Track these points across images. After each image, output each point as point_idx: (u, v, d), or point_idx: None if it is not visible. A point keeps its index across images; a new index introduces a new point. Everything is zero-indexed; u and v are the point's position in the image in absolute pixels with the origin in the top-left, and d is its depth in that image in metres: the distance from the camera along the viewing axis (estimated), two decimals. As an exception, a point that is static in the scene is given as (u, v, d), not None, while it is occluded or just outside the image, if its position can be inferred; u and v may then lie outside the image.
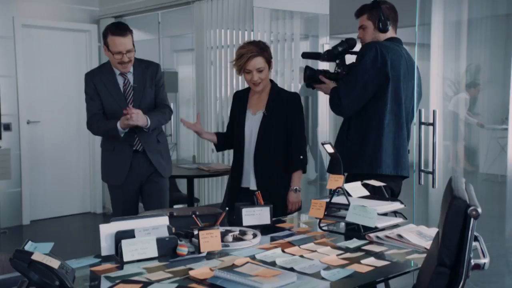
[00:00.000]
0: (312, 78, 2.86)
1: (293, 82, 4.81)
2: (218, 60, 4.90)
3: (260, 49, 2.76)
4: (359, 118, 2.73)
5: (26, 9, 5.68)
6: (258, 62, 2.75)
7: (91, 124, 3.09)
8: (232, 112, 3.02)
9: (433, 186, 2.80)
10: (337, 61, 2.81)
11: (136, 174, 3.10)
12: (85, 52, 6.12)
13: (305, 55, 3.05)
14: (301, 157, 2.86)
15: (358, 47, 2.82)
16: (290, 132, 2.86)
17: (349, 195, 2.27)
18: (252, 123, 2.87)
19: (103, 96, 3.04)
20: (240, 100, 2.96)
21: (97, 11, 6.20)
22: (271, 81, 2.93)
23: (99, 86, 3.03)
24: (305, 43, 5.97)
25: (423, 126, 2.79)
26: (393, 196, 2.70)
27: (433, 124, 2.89)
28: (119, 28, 2.94)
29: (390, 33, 2.77)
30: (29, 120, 5.72)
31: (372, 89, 2.65)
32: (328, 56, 2.81)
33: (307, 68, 2.86)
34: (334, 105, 2.75)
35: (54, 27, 5.87)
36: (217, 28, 4.83)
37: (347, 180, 2.68)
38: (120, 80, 3.06)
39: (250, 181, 2.86)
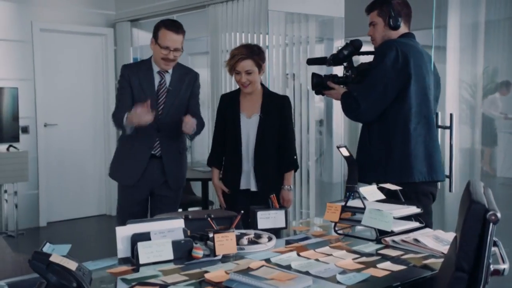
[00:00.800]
0: (320, 85, 2.74)
1: (308, 86, 4.79)
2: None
3: (250, 52, 2.85)
4: (381, 123, 2.57)
5: (44, 13, 5.76)
6: (247, 64, 2.83)
7: (114, 114, 2.96)
8: (222, 115, 3.00)
9: (450, 190, 2.77)
10: (345, 64, 2.70)
11: (148, 179, 2.98)
12: (101, 56, 6.18)
13: (310, 61, 2.96)
14: (295, 157, 3.00)
15: (366, 48, 2.72)
16: (284, 133, 2.95)
17: (365, 199, 2.25)
18: (248, 126, 2.90)
19: (135, 91, 2.93)
20: (230, 103, 2.96)
21: (113, 15, 6.26)
22: (262, 84, 2.99)
23: (134, 80, 2.93)
24: (320, 46, 5.95)
25: (439, 130, 2.76)
26: (433, 201, 2.59)
27: (450, 128, 2.86)
28: (174, 24, 2.89)
29: (403, 29, 2.63)
30: (46, 123, 5.79)
31: (393, 92, 2.51)
32: (333, 60, 2.69)
33: (314, 75, 2.75)
34: (351, 110, 2.61)
35: (71, 31, 5.94)
36: (232, 31, 4.84)
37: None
38: (157, 79, 2.96)
39: (250, 183, 2.89)
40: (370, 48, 2.76)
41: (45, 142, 5.77)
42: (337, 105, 6.11)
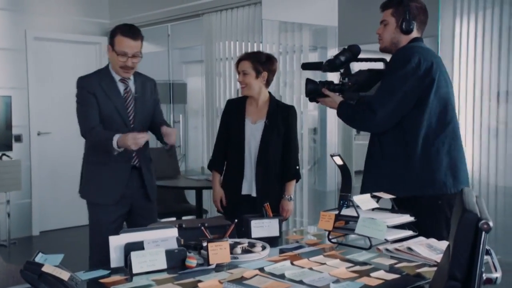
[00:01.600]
0: (314, 92, 2.58)
1: (302, 94, 4.81)
2: (227, 71, 4.92)
3: (252, 56, 2.93)
4: (396, 132, 2.38)
5: (38, 22, 5.76)
6: (244, 65, 2.90)
7: (84, 133, 2.78)
8: (226, 120, 3.03)
9: None
10: (341, 71, 2.54)
11: (128, 192, 2.80)
12: (95, 64, 6.16)
13: (305, 66, 2.78)
14: (297, 167, 3.01)
15: (367, 54, 2.61)
16: (288, 143, 2.97)
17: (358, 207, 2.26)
18: (253, 131, 2.92)
19: (101, 103, 2.74)
20: (236, 108, 2.99)
21: (107, 23, 6.27)
22: (269, 93, 3.02)
23: (98, 92, 2.75)
24: (313, 54, 5.99)
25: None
26: None
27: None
28: (130, 30, 2.73)
29: (414, 34, 2.46)
30: (39, 132, 5.76)
31: (413, 100, 2.33)
32: (329, 66, 2.52)
33: (308, 81, 2.59)
34: (362, 119, 2.41)
35: (65, 40, 5.94)
36: (226, 40, 4.86)
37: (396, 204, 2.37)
38: (121, 87, 2.81)
39: (252, 189, 2.89)
40: (368, 55, 2.66)
41: (39, 150, 5.74)
42: (331, 113, 6.14)
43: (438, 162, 2.32)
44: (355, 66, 2.65)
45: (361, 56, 2.57)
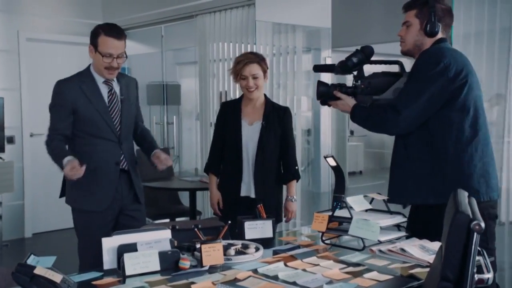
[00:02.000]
0: (325, 94, 2.47)
1: (295, 95, 4.82)
2: (221, 73, 4.92)
3: (257, 57, 2.90)
4: (424, 135, 2.29)
5: (31, 23, 5.73)
6: (254, 68, 2.85)
7: (49, 141, 2.71)
8: (222, 122, 3.01)
9: None
10: (354, 73, 2.43)
11: (118, 198, 2.72)
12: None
13: (317, 68, 2.67)
14: (296, 167, 3.01)
15: (391, 55, 2.51)
16: (286, 144, 2.97)
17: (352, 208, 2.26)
18: (250, 133, 2.91)
19: (83, 109, 2.62)
20: (232, 110, 2.98)
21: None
22: (264, 94, 3.01)
23: (79, 97, 2.62)
24: (307, 56, 6.00)
25: None
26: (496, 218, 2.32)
27: None
28: (114, 30, 2.62)
29: (439, 36, 2.36)
30: (32, 133, 5.74)
31: (439, 103, 2.24)
32: (341, 68, 2.40)
33: (319, 84, 2.48)
34: (385, 120, 2.31)
35: (58, 41, 5.91)
36: (220, 41, 4.86)
37: (418, 213, 2.31)
38: (104, 90, 2.68)
39: (250, 190, 2.89)
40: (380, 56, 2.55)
41: (31, 152, 5.71)
42: (324, 115, 6.16)
43: (471, 168, 2.23)
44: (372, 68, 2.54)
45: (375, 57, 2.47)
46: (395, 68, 2.48)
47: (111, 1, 6.25)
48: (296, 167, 3.01)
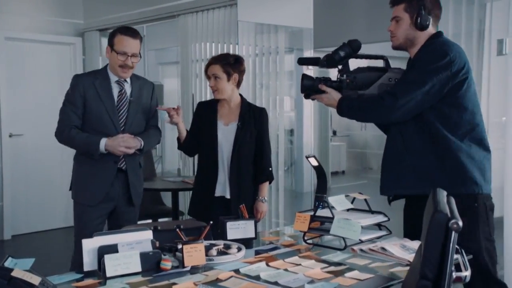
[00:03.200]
0: (310, 88, 2.45)
1: (278, 96, 4.83)
2: (203, 73, 4.90)
3: (222, 59, 2.92)
4: (423, 126, 2.28)
5: (10, 22, 5.64)
6: (214, 69, 2.89)
7: (63, 131, 2.77)
8: (197, 121, 3.01)
9: None
10: (339, 67, 2.41)
11: (112, 195, 2.82)
12: (69, 65, 6.08)
13: (302, 61, 2.62)
14: (270, 168, 3.02)
15: (387, 49, 2.48)
16: (261, 145, 2.98)
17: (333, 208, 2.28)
18: (225, 133, 2.91)
19: (92, 103, 2.75)
20: (208, 110, 2.97)
21: (81, 24, 6.19)
22: (240, 95, 3.01)
23: (90, 91, 2.75)
24: (290, 56, 6.02)
25: None
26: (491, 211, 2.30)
27: None
28: (130, 30, 2.80)
29: (430, 30, 2.34)
30: (11, 133, 5.65)
31: (438, 95, 2.24)
32: (327, 62, 2.38)
33: (304, 77, 2.46)
34: (378, 106, 2.30)
35: (38, 40, 5.83)
36: (202, 41, 4.85)
37: (417, 203, 2.21)
38: (115, 89, 2.81)
39: (226, 190, 2.89)
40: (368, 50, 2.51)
41: (10, 152, 5.63)
42: (307, 115, 6.19)
43: (470, 161, 2.24)
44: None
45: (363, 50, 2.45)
46: (379, 63, 2.47)
47: (92, 1, 6.19)
48: (270, 168, 3.02)
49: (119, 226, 2.64)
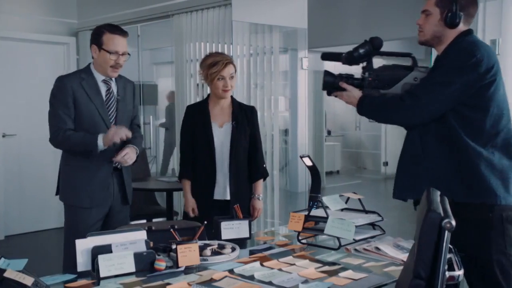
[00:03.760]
0: (331, 85, 2.36)
1: (272, 96, 4.84)
2: (198, 72, 4.90)
3: (230, 57, 2.92)
4: (444, 129, 2.15)
5: (3, 21, 5.61)
6: (232, 69, 2.86)
7: (57, 134, 2.69)
8: (189, 126, 2.95)
9: None
10: (363, 65, 2.33)
11: (109, 195, 2.77)
12: (63, 65, 6.06)
13: (325, 56, 2.47)
14: (264, 165, 3.03)
15: (405, 47, 2.44)
16: (254, 142, 2.98)
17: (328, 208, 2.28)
18: (221, 135, 2.90)
19: (82, 104, 2.69)
20: (200, 113, 2.94)
21: (75, 23, 6.16)
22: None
23: (79, 92, 2.69)
24: (284, 56, 6.02)
25: None
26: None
27: None
28: (118, 28, 2.72)
29: (461, 27, 2.20)
30: (4, 133, 5.63)
31: (463, 96, 2.10)
32: (347, 59, 2.29)
33: (326, 74, 2.36)
34: (400, 107, 2.19)
35: (32, 40, 5.81)
36: (196, 41, 4.84)
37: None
38: (103, 88, 2.76)
39: (225, 193, 2.88)
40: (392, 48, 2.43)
41: (4, 152, 5.60)
42: (302, 115, 6.19)
43: (490, 170, 2.09)
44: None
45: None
46: (407, 61, 2.35)
47: (86, 0, 6.17)
48: (264, 165, 3.03)
49: (113, 227, 2.61)
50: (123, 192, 2.84)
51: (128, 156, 2.69)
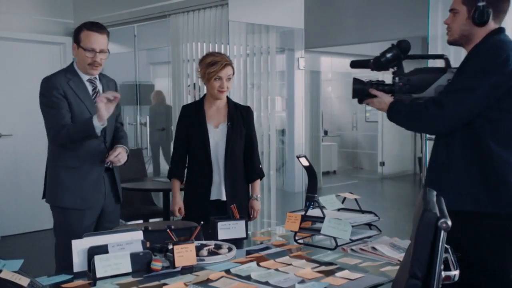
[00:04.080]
0: (361, 92, 2.29)
1: (269, 96, 4.84)
2: (194, 73, 4.90)
3: (228, 58, 2.90)
4: (470, 135, 2.05)
5: (0, 21, 5.60)
6: (229, 70, 2.85)
7: (59, 131, 2.60)
8: (184, 126, 2.95)
9: None
10: (393, 69, 2.25)
11: (101, 197, 2.72)
12: (59, 65, 6.02)
13: (354, 64, 2.39)
14: (260, 165, 3.03)
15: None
16: (250, 143, 2.97)
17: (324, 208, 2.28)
18: (216, 136, 2.89)
19: (73, 104, 2.63)
20: (196, 114, 2.93)
21: (71, 23, 6.15)
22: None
23: (68, 92, 2.63)
24: (281, 56, 6.03)
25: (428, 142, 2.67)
26: None
27: None
28: (96, 25, 2.66)
29: (491, 25, 2.09)
30: (0, 134, 5.61)
31: (490, 99, 2.01)
32: (375, 65, 2.22)
33: (355, 81, 2.30)
34: (427, 117, 2.08)
35: (28, 40, 5.79)
36: (193, 41, 4.84)
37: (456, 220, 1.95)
38: (89, 87, 2.72)
39: (221, 193, 2.88)
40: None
41: (0, 153, 5.59)
42: (298, 115, 6.19)
43: None
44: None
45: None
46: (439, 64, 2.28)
47: (83, 0, 6.16)
48: (260, 165, 3.03)
49: (105, 227, 2.60)
50: (115, 191, 2.79)
51: (121, 155, 2.66)
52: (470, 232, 2.01)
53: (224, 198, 2.86)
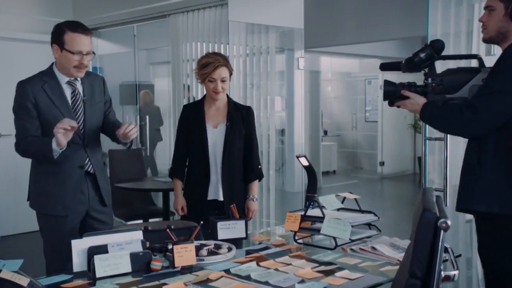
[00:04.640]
0: (392, 94, 2.24)
1: (269, 96, 4.84)
2: (194, 72, 4.90)
3: (225, 60, 2.87)
4: (502, 138, 2.02)
5: (-1, 21, 5.60)
6: (223, 72, 2.82)
7: (19, 143, 2.57)
8: (185, 126, 2.95)
9: (445, 205, 2.69)
10: (425, 71, 2.21)
11: (84, 200, 2.63)
12: (59, 65, 6.05)
13: (384, 67, 2.36)
14: (260, 166, 3.02)
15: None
16: (250, 143, 2.97)
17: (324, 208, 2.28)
18: (215, 136, 2.89)
19: (45, 110, 2.53)
20: (196, 113, 2.93)
21: (71, 23, 6.15)
22: (226, 94, 2.99)
23: (41, 97, 2.54)
24: (281, 56, 6.03)
25: (428, 142, 2.64)
26: None
27: (443, 139, 2.75)
28: (79, 26, 2.53)
29: None
30: (0, 134, 5.61)
31: None
32: (407, 66, 2.17)
33: (385, 83, 2.25)
34: (460, 120, 2.04)
35: (27, 39, 5.79)
36: (193, 41, 4.84)
37: (483, 222, 2.06)
38: (68, 90, 2.59)
39: (218, 193, 2.88)
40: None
41: (-1, 153, 5.59)
42: (298, 115, 6.19)
43: None
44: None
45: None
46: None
47: (82, 0, 6.16)
48: (260, 166, 3.02)
49: (95, 228, 2.56)
50: (100, 196, 2.69)
51: (134, 130, 2.56)
52: (496, 235, 2.01)
53: (221, 198, 2.86)
